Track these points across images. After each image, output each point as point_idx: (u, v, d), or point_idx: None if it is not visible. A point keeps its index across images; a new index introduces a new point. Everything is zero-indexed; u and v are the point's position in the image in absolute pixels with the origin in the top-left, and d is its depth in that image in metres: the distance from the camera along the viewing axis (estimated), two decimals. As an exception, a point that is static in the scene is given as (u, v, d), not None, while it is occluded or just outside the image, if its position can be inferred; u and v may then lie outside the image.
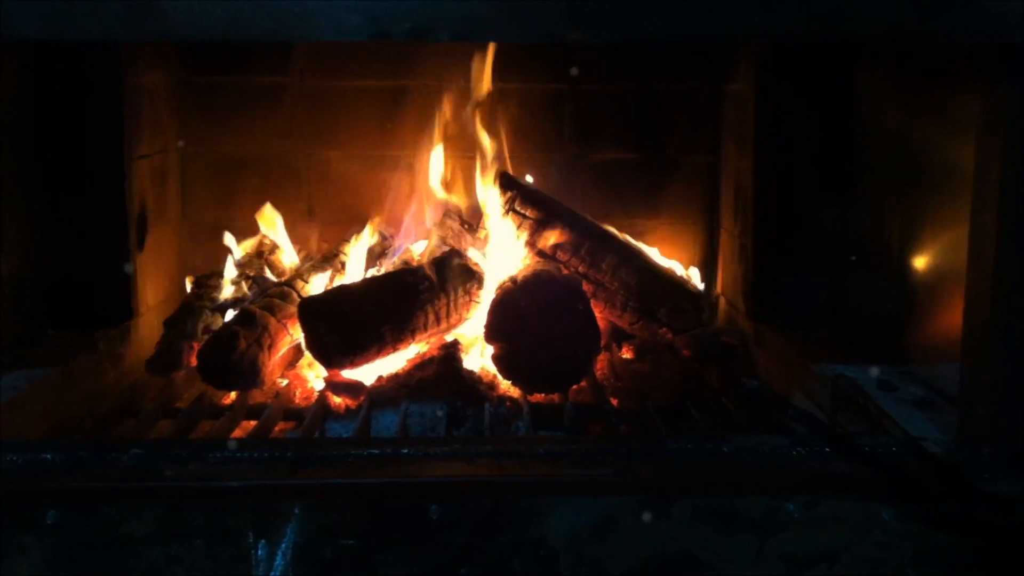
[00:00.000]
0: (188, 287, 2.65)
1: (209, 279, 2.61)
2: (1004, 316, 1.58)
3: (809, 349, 2.23)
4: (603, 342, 2.48)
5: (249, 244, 2.78)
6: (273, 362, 2.27)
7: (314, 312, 2.21)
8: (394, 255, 2.73)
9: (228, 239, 2.75)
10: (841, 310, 2.41)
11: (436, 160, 2.86)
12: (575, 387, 2.28)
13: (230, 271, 2.63)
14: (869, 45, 2.22)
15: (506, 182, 2.63)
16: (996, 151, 1.56)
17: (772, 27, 1.51)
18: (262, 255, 2.71)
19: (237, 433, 2.06)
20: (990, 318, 1.59)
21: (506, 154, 2.76)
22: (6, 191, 2.20)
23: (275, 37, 1.48)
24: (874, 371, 2.03)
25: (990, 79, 1.59)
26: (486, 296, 2.45)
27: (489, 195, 2.69)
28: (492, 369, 2.28)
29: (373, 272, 2.63)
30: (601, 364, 2.48)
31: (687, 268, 2.87)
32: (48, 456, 1.63)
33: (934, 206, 1.96)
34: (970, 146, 1.64)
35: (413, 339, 2.31)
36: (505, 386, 2.27)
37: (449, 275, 2.41)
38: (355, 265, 2.64)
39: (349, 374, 2.25)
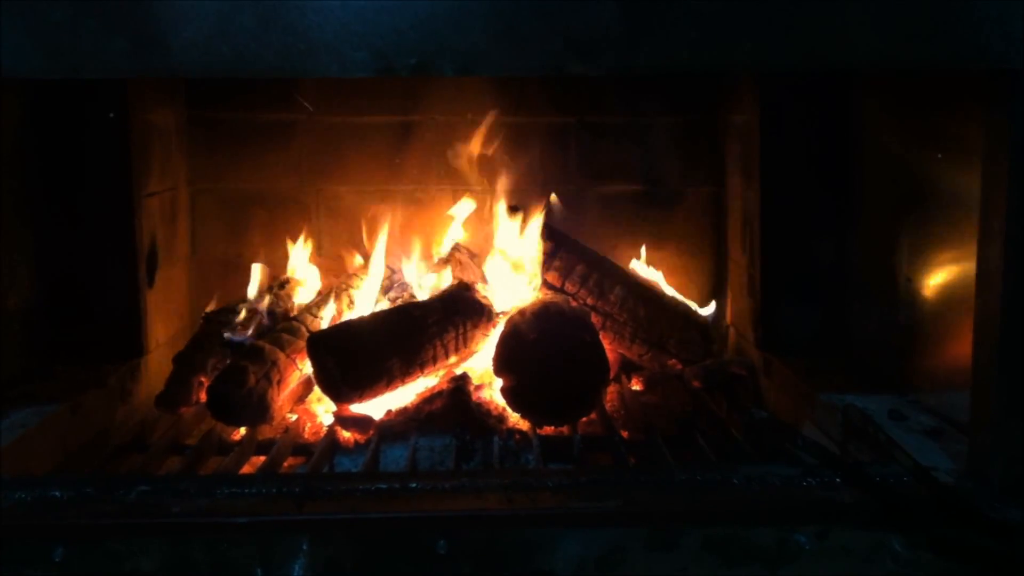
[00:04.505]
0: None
1: (220, 315, 2.61)
2: (1013, 344, 1.57)
3: (817, 378, 2.23)
4: (612, 374, 2.48)
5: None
6: (282, 397, 2.27)
7: (322, 346, 2.21)
8: (402, 289, 2.73)
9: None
10: (848, 339, 2.40)
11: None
12: (584, 419, 2.27)
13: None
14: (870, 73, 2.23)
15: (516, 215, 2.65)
16: (1001, 179, 1.56)
17: (763, 57, 1.53)
18: (272, 289, 2.72)
19: (246, 468, 2.07)
20: (999, 346, 1.58)
21: (512, 187, 2.77)
22: (13, 226, 2.22)
23: (280, 73, 1.49)
24: (883, 400, 2.02)
25: (991, 106, 1.59)
26: (495, 329, 2.45)
27: (498, 228, 2.69)
28: (501, 402, 2.27)
29: (382, 306, 2.63)
30: (611, 396, 2.48)
31: (695, 298, 2.86)
32: (55, 492, 1.62)
33: (942, 233, 1.95)
34: (977, 172, 1.63)
35: (422, 372, 2.31)
36: (514, 419, 2.26)
37: (457, 308, 2.41)
38: (364, 299, 2.64)
39: (358, 408, 2.25)
